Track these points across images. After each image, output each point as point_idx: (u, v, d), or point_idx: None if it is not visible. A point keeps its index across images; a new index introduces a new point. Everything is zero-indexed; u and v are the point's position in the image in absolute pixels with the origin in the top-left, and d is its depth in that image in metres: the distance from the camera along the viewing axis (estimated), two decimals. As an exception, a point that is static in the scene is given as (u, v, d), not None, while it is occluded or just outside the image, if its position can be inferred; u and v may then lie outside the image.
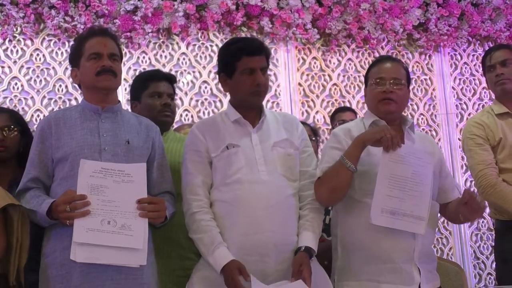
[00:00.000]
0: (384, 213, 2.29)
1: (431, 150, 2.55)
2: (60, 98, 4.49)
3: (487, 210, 5.09)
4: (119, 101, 2.50)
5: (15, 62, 4.45)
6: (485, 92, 5.47)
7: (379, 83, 2.48)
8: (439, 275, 2.53)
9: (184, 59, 4.80)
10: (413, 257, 2.36)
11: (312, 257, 2.32)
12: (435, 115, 5.34)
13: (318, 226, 2.41)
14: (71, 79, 4.32)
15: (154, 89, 2.87)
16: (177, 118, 4.64)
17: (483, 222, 5.24)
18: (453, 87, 5.43)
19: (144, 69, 4.61)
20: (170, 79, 2.99)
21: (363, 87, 5.04)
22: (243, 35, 4.75)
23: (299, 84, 5.03)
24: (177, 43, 4.79)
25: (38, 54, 4.51)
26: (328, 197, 2.41)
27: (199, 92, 4.80)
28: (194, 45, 4.83)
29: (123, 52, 4.21)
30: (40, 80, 4.49)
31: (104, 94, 2.41)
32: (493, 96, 3.22)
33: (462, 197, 2.37)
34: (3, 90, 4.40)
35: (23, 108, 4.38)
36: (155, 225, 2.34)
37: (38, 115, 4.41)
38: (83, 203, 2.19)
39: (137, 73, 4.58)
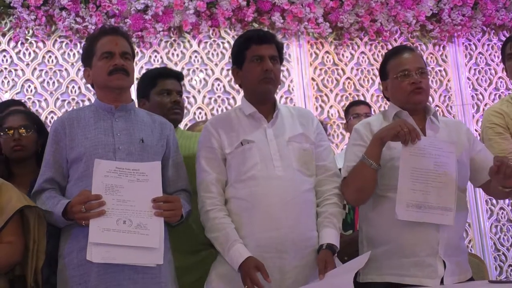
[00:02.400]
0: (410, 208, 2.27)
1: (456, 135, 2.49)
2: (73, 99, 4.51)
3: (507, 201, 5.11)
4: (132, 100, 2.48)
5: (27, 64, 4.48)
6: (501, 82, 5.40)
7: (406, 75, 2.44)
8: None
9: (196, 57, 4.80)
10: (437, 251, 2.33)
11: (334, 254, 2.31)
12: (451, 107, 5.29)
13: (338, 221, 2.39)
14: (84, 80, 4.38)
15: (163, 86, 2.85)
16: (190, 116, 4.66)
17: (502, 213, 5.19)
18: (468, 78, 5.37)
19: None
20: (178, 76, 2.98)
21: (377, 80, 5.11)
22: (254, 31, 4.74)
23: (312, 79, 5.01)
24: (189, 41, 4.79)
25: (50, 56, 4.53)
26: (356, 197, 2.42)
27: (212, 90, 4.79)
28: (206, 42, 4.83)
29: (135, 52, 4.22)
30: (53, 82, 4.51)
31: (117, 93, 2.40)
32: (510, 85, 3.17)
33: (493, 165, 2.26)
34: (17, 93, 4.43)
35: (37, 110, 4.40)
36: (171, 223, 2.32)
37: (52, 117, 4.44)
38: (98, 203, 2.18)
39: (149, 72, 4.60)
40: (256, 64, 2.41)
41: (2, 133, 2.69)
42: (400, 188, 2.27)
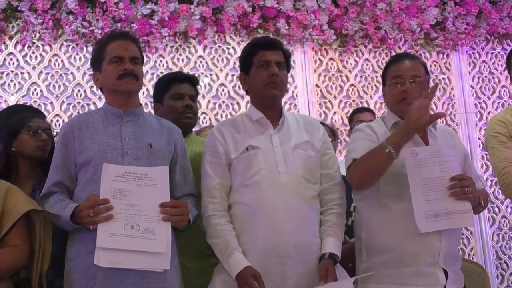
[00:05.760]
0: (429, 219, 2.25)
1: (453, 141, 2.51)
2: (78, 103, 4.53)
3: (510, 209, 5.11)
4: (141, 104, 2.50)
5: (34, 68, 4.50)
6: (504, 90, 5.42)
7: (398, 82, 2.44)
8: (460, 276, 2.49)
9: (201, 62, 4.81)
10: (438, 260, 2.32)
11: (336, 264, 2.32)
12: (454, 115, 5.30)
13: (341, 231, 2.40)
14: (89, 84, 4.41)
15: (176, 90, 2.85)
16: (195, 121, 4.66)
17: (504, 221, 5.19)
18: (471, 86, 5.38)
19: (161, 72, 4.63)
20: (192, 80, 2.97)
21: (380, 87, 5.09)
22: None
23: (317, 85, 5.02)
24: (194, 46, 4.81)
25: (56, 60, 4.56)
26: (360, 179, 2.35)
27: (216, 95, 4.81)
28: (211, 48, 4.85)
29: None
30: (59, 86, 4.53)
31: (126, 98, 2.41)
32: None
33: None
34: (23, 96, 4.45)
35: (42, 113, 4.42)
36: (178, 228, 2.33)
37: (57, 120, 4.46)
38: (106, 207, 2.19)
39: (154, 77, 4.63)
40: (262, 69, 2.44)
41: (31, 132, 2.68)
42: (414, 202, 2.26)
